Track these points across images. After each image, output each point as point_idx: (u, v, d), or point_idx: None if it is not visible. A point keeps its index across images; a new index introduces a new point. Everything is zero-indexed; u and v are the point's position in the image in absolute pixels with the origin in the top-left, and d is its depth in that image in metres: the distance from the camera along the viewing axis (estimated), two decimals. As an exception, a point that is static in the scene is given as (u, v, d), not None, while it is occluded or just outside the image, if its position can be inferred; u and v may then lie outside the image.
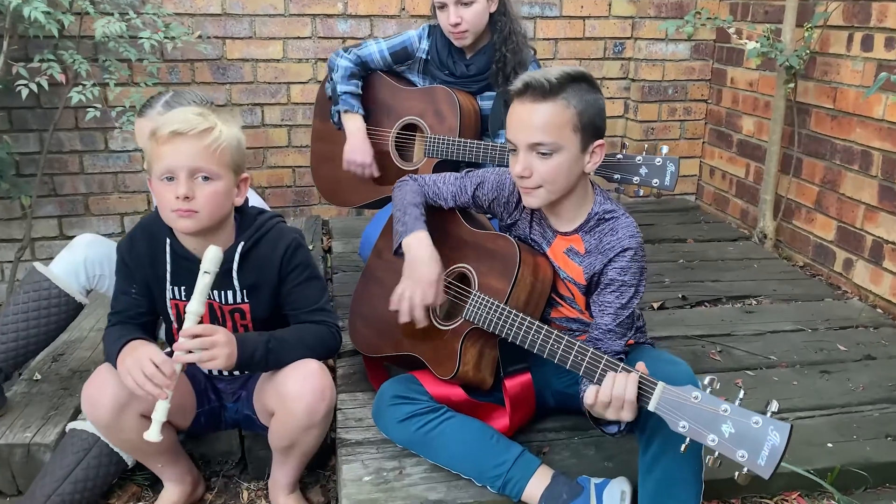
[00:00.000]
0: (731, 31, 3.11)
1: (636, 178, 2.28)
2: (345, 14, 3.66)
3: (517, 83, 1.63)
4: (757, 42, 3.00)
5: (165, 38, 3.00)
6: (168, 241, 1.69)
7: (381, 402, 1.79)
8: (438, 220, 1.95)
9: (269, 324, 1.75)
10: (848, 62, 3.02)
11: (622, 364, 1.46)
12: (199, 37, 3.41)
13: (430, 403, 1.77)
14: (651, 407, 1.39)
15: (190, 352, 1.53)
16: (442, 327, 1.84)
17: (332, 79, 2.57)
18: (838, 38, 3.07)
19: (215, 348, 1.54)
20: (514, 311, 1.67)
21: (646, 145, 2.41)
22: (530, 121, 1.60)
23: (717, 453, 1.33)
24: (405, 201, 1.90)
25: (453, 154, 2.39)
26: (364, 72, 2.57)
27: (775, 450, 1.27)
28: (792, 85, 3.13)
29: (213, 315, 1.74)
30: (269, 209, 1.86)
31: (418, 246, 1.81)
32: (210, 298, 1.70)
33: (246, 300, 1.73)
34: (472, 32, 2.37)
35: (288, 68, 3.69)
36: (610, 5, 3.97)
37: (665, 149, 2.26)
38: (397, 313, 1.83)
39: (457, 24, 2.34)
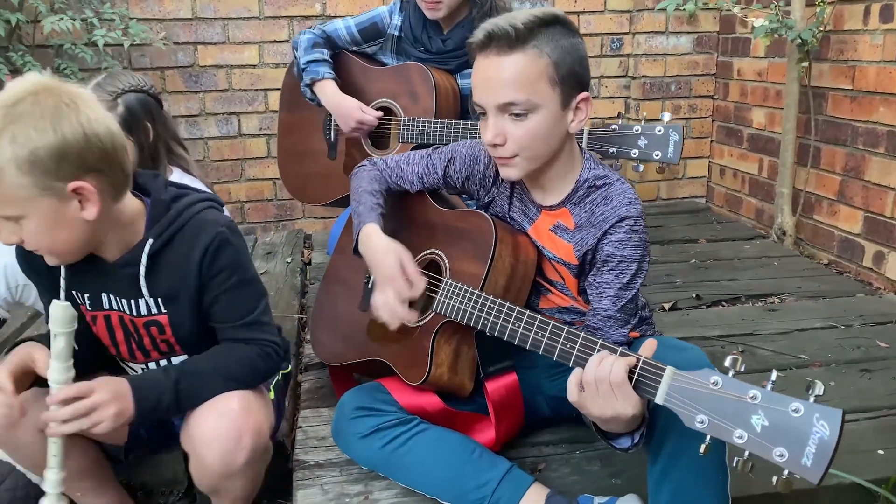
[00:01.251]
0: (736, 10, 2.87)
1: (634, 152, 2.02)
2: (323, 15, 3.45)
3: (478, 34, 1.37)
4: (765, 20, 2.75)
5: (123, 36, 2.78)
6: None
7: (342, 415, 1.51)
8: (404, 204, 1.70)
9: (199, 339, 1.44)
10: (866, 37, 2.76)
11: (621, 349, 1.18)
12: (165, 39, 3.19)
13: (400, 415, 1.49)
14: (659, 399, 1.11)
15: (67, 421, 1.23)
16: (410, 324, 1.56)
17: (296, 57, 2.34)
18: (853, 13, 2.82)
19: (97, 411, 1.23)
20: (490, 298, 1.39)
21: (644, 113, 2.15)
22: (497, 77, 1.35)
23: (746, 454, 1.03)
24: (360, 189, 1.64)
25: (430, 137, 2.14)
26: (330, 48, 2.33)
27: (824, 445, 0.98)
28: (805, 64, 2.87)
29: (126, 330, 1.44)
30: (204, 190, 1.55)
31: (369, 240, 1.54)
32: (117, 309, 1.42)
33: (163, 311, 1.41)
34: (447, 4, 2.13)
35: (265, 74, 3.47)
36: (605, -1, 3.75)
37: (667, 115, 2.00)
38: (362, 316, 1.56)
39: None
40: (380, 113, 2.30)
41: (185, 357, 1.46)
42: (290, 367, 1.67)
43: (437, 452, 1.42)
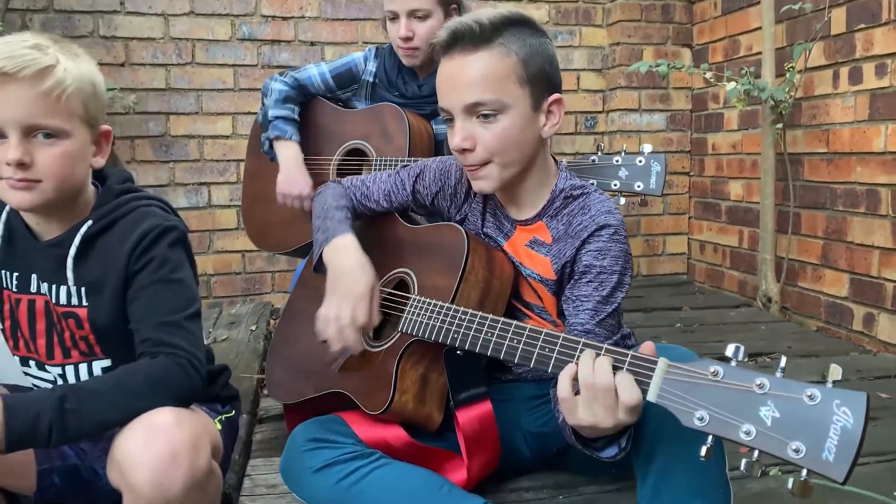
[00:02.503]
0: (709, 75, 2.89)
1: (615, 183, 1.94)
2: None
3: (441, 34, 1.32)
4: (738, 83, 2.77)
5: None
6: (6, 210, 1.29)
7: (293, 449, 1.34)
8: (370, 223, 1.59)
9: (123, 343, 1.26)
10: (837, 100, 2.78)
11: (605, 345, 1.04)
12: (135, 101, 3.16)
13: (358, 448, 1.31)
14: (651, 395, 0.96)
15: None
16: (373, 348, 1.42)
17: (263, 104, 2.28)
18: (822, 78, 2.85)
19: None
20: (461, 309, 1.26)
21: (624, 144, 2.09)
22: (463, 76, 1.28)
23: (756, 454, 0.89)
24: (325, 205, 1.53)
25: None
26: (302, 97, 2.27)
27: (848, 435, 0.84)
28: (780, 126, 2.87)
29: (49, 320, 1.29)
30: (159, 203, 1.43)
31: (343, 252, 1.42)
32: (45, 293, 1.28)
33: (84, 303, 1.26)
34: (424, 51, 2.11)
35: (237, 145, 3.42)
36: (578, 79, 3.81)
37: (647, 147, 1.93)
38: (321, 347, 1.41)
39: (408, 39, 2.08)
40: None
41: (107, 363, 1.29)
42: (234, 412, 1.50)
43: (400, 489, 1.24)
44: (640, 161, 1.93)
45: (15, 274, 1.28)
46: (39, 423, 1.06)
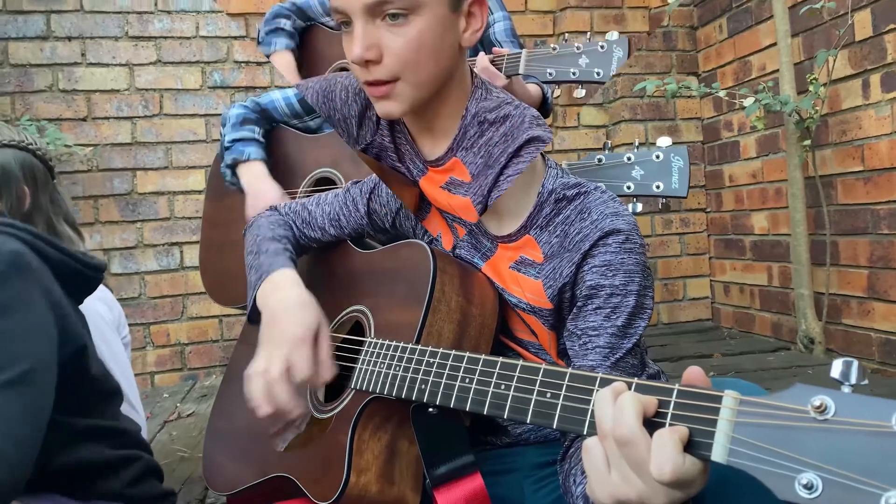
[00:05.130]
0: (722, 93, 2.61)
1: (629, 185, 1.62)
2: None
3: None
4: (757, 97, 2.48)
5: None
6: None
7: None
8: (316, 258, 1.27)
9: None
10: (870, 111, 2.48)
11: (636, 380, 0.69)
12: (89, 155, 2.90)
13: None
14: (719, 453, 0.61)
15: None
16: (322, 414, 1.07)
17: (222, 135, 1.99)
18: (850, 89, 2.56)
19: None
20: (429, 350, 0.92)
21: (637, 139, 1.79)
22: None
23: None
24: (258, 238, 1.21)
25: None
26: (266, 123, 1.99)
27: None
28: (807, 143, 2.56)
29: None
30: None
31: (278, 290, 1.09)
32: None
33: None
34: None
35: (211, 200, 3.14)
36: (579, 115, 3.54)
37: (665, 140, 1.63)
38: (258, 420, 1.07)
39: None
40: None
41: None
42: None
43: None
44: (658, 156, 1.61)
45: None
46: None
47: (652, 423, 0.63)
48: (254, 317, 1.12)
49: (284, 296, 1.07)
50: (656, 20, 3.51)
